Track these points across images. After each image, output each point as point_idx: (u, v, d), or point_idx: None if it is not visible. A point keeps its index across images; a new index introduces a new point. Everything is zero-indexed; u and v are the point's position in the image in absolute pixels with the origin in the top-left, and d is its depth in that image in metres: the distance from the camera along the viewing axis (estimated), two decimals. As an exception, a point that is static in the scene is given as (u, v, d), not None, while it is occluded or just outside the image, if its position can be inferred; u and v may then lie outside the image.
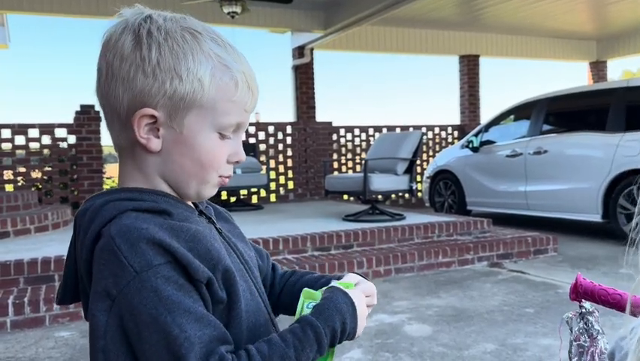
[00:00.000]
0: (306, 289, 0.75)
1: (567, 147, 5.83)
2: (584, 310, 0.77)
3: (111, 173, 8.87)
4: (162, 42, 0.68)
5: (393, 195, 8.59)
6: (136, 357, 0.64)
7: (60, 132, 6.81)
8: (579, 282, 0.78)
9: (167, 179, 0.73)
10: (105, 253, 0.64)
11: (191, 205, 0.78)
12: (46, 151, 6.78)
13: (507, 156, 6.41)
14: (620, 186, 5.18)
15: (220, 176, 0.75)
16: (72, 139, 6.84)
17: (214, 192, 0.77)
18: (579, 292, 0.78)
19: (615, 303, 0.76)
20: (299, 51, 8.82)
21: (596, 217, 5.43)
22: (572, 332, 0.78)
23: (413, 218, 5.47)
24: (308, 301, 0.73)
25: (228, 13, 6.63)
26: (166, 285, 0.63)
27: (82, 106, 6.86)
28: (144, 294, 0.62)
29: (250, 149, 7.58)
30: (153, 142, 0.70)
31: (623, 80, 6.18)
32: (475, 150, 6.96)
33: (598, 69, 11.16)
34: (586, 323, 0.76)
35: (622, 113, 5.35)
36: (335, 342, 0.70)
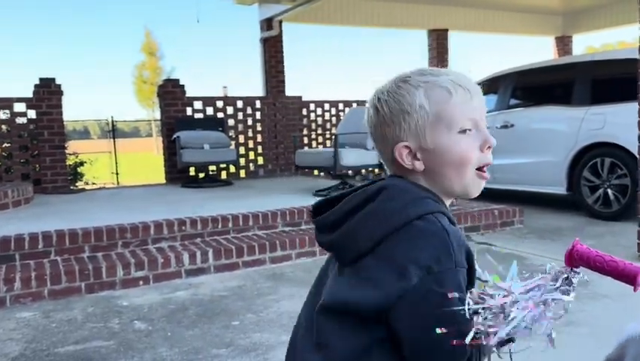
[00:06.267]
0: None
1: (533, 120, 5.90)
2: (573, 274, 0.75)
3: (74, 149, 8.60)
4: (387, 99, 0.92)
5: (363, 170, 8.60)
6: (412, 316, 0.81)
7: (19, 107, 6.52)
8: (575, 247, 0.77)
9: (438, 187, 0.92)
10: (437, 239, 0.82)
11: None
12: (4, 127, 6.51)
13: (475, 130, 6.46)
14: (585, 159, 5.29)
15: (478, 169, 0.91)
16: (32, 114, 6.58)
17: (479, 187, 0.93)
18: (575, 258, 0.76)
19: (611, 270, 0.75)
20: (267, 23, 8.64)
21: (561, 190, 5.55)
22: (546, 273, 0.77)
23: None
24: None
25: (193, -17, 6.42)
26: (462, 284, 0.82)
27: (41, 79, 6.58)
28: (453, 283, 0.80)
29: (218, 124, 7.44)
30: (418, 164, 0.91)
31: (588, 55, 6.26)
32: (444, 124, 6.98)
33: (563, 44, 11.30)
34: (568, 285, 0.74)
35: (587, 87, 5.43)
36: None
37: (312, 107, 8.91)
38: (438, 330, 0.73)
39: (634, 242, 3.77)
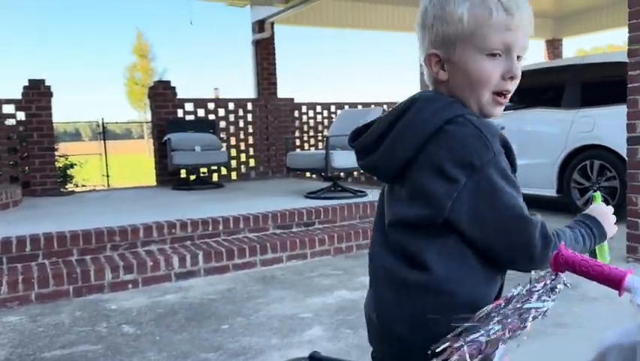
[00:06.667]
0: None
1: (524, 123, 5.91)
2: (557, 278, 0.75)
3: (64, 151, 8.53)
4: (436, 3, 0.92)
5: (354, 173, 8.60)
6: (474, 212, 0.86)
7: (8, 108, 6.46)
8: (561, 252, 0.76)
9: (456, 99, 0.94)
10: (472, 137, 0.86)
11: None
12: (-8, 128, 6.44)
13: (466, 132, 6.47)
14: (575, 161, 5.31)
15: (495, 93, 0.94)
16: (21, 115, 6.52)
17: (496, 110, 0.96)
18: (560, 263, 0.75)
19: (596, 275, 0.74)
20: (259, 25, 8.63)
21: (551, 192, 5.57)
22: (530, 283, 0.76)
23: (375, 195, 5.48)
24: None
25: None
26: (506, 167, 0.89)
27: (30, 81, 6.52)
28: (496, 170, 0.86)
29: (209, 126, 7.41)
30: (441, 74, 0.94)
31: (578, 57, 6.30)
32: (435, 126, 7.00)
33: (554, 47, 11.37)
34: (552, 290, 0.73)
35: (577, 90, 5.46)
36: (594, 234, 1.01)
37: (303, 109, 8.90)
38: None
39: (623, 244, 3.79)
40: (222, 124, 7.89)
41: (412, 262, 0.90)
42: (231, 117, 8.00)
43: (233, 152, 7.93)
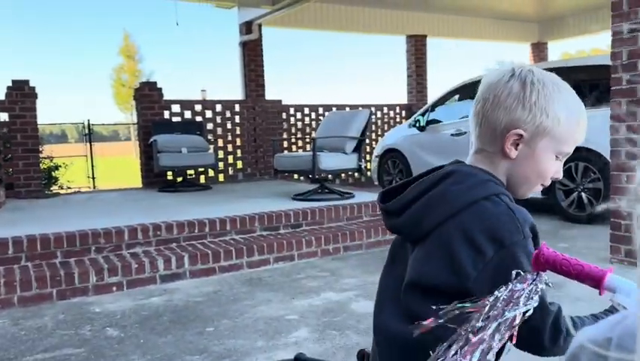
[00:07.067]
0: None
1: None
2: (539, 277, 0.75)
3: (50, 152, 8.44)
4: (540, 89, 0.96)
5: (342, 174, 8.61)
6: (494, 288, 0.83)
7: (-10, 109, 6.39)
8: (542, 251, 0.76)
9: (508, 178, 1.01)
10: (504, 217, 0.91)
11: None
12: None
13: (452, 134, 6.51)
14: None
15: (540, 184, 1.03)
16: (4, 117, 6.44)
17: (530, 194, 1.04)
18: (541, 262, 0.75)
19: (577, 274, 0.74)
20: (246, 27, 8.61)
21: (536, 194, 5.61)
22: (512, 284, 0.76)
23: (362, 196, 5.49)
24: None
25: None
26: (532, 251, 0.87)
27: (14, 81, 6.45)
28: (524, 252, 0.89)
29: (196, 127, 7.37)
30: (513, 152, 0.98)
31: (562, 60, 6.35)
32: (421, 129, 7.03)
33: (539, 50, 11.48)
34: (533, 290, 0.73)
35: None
36: None
37: (291, 111, 8.90)
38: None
39: (606, 245, 3.83)
40: (210, 126, 7.85)
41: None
42: (218, 119, 7.97)
43: (221, 154, 7.90)
